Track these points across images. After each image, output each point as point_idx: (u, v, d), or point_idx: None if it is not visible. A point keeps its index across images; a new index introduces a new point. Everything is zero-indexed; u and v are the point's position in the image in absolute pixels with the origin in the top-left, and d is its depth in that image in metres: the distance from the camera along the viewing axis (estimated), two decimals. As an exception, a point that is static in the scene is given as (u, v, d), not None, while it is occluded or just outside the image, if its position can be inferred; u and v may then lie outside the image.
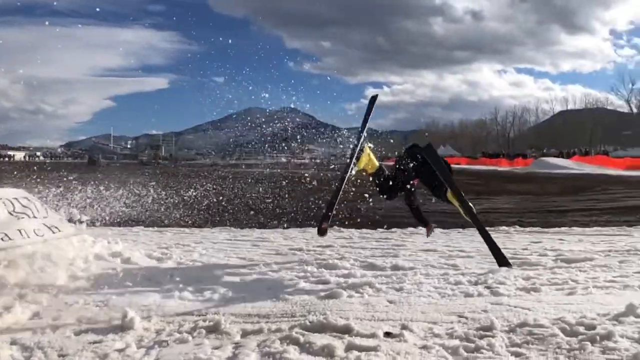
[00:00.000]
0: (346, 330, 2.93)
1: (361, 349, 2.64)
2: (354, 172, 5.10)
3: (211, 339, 2.81)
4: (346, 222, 8.13)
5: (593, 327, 2.92)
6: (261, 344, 2.72)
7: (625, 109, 71.61)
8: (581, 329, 2.93)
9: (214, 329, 2.95)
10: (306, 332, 2.88)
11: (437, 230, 7.42)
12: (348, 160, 5.07)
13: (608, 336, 2.78)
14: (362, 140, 5.18)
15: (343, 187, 4.81)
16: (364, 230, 7.48)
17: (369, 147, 5.34)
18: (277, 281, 4.28)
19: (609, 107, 74.14)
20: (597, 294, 3.84)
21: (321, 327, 2.96)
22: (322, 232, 4.64)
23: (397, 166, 5.39)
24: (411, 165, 5.29)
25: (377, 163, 5.39)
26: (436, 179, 5.23)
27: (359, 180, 5.51)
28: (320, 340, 2.74)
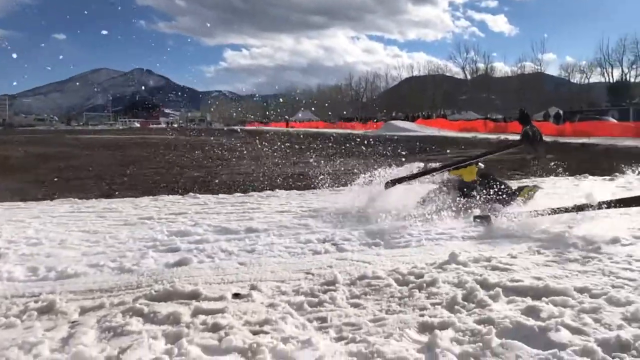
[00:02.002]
0: (194, 295, 2.91)
1: (208, 312, 2.64)
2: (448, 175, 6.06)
3: (43, 321, 2.59)
4: (203, 189, 8.00)
5: (421, 276, 3.25)
6: (101, 319, 2.58)
7: (461, 75, 79.01)
8: (412, 278, 3.25)
9: (47, 310, 2.71)
10: (151, 302, 2.79)
11: (293, 192, 7.65)
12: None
13: (433, 283, 3.12)
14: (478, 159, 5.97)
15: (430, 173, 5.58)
16: (221, 195, 7.39)
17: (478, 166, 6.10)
18: (123, 252, 4.05)
19: (447, 74, 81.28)
20: (427, 245, 4.28)
21: (167, 296, 2.89)
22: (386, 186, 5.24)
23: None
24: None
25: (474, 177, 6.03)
26: None
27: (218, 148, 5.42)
28: (165, 308, 2.68)
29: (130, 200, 6.97)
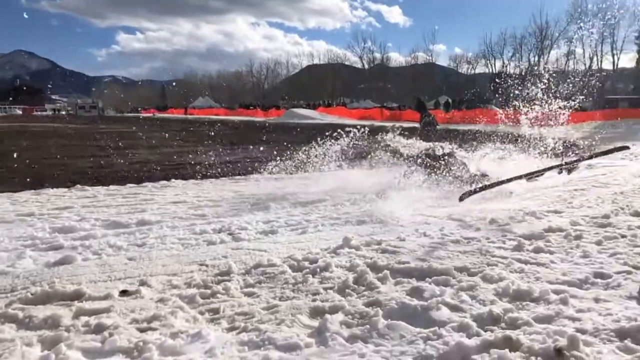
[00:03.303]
0: (76, 296, 2.73)
1: (91, 313, 2.50)
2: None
3: None
4: (93, 181, 7.53)
5: (315, 261, 3.32)
6: (-33, 328, 2.34)
7: (359, 65, 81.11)
8: (306, 263, 3.31)
9: None
10: (27, 306, 2.58)
11: (190, 182, 7.43)
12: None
13: (326, 267, 3.19)
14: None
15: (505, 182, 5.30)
16: (112, 187, 6.98)
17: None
18: (-5, 253, 3.70)
19: (347, 63, 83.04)
20: (324, 230, 4.38)
21: (46, 298, 2.69)
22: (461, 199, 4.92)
23: None
24: None
25: None
26: None
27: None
28: (43, 312, 2.49)
29: (7, 195, 6.36)
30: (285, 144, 16.15)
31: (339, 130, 7.89)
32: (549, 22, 57.05)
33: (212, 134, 21.05)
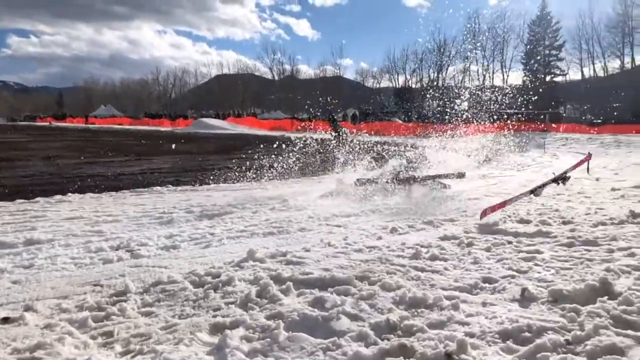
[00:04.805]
0: (-54, 326, 2.47)
1: (-36, 344, 2.27)
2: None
3: None
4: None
5: (218, 275, 3.27)
6: None
7: (269, 76, 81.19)
8: (209, 278, 3.24)
9: None
10: None
11: (88, 196, 7.00)
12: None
13: (229, 281, 3.15)
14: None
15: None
16: (-2, 202, 6.40)
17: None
18: None
19: (257, 73, 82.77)
20: (228, 244, 4.31)
21: None
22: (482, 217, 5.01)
23: None
24: None
25: None
26: None
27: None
28: None
29: None
30: (192, 155, 15.80)
31: (250, 141, 7.81)
32: (447, 39, 60.57)
33: (115, 144, 20.07)
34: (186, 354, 2.22)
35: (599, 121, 35.39)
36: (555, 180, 6.02)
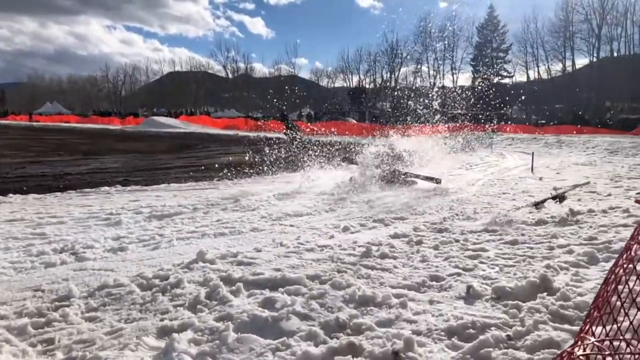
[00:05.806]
0: None
1: None
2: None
3: None
4: None
5: (167, 278, 3.20)
6: None
7: (223, 74, 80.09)
8: (157, 281, 3.17)
9: None
10: None
11: (31, 197, 6.71)
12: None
13: (178, 284, 3.09)
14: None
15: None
16: None
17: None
18: None
19: (210, 71, 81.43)
20: (178, 245, 4.23)
21: None
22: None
23: None
24: None
25: None
26: None
27: None
28: None
29: None
30: (142, 154, 15.42)
31: (202, 140, 7.70)
32: (399, 41, 61.52)
33: (61, 143, 19.33)
34: (132, 359, 2.17)
35: (543, 122, 36.97)
36: (554, 197, 6.27)
